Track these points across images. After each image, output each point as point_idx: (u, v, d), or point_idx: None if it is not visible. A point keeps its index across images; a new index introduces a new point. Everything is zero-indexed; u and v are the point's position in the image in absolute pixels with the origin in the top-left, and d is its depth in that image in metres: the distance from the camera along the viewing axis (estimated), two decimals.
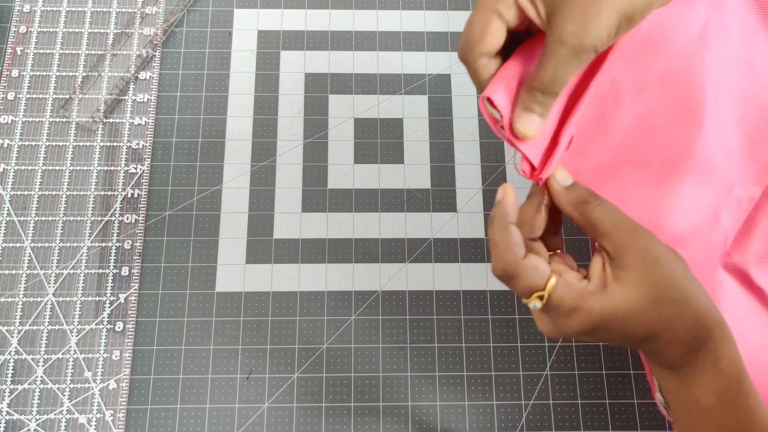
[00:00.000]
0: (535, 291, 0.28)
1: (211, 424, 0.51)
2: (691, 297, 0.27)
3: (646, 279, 0.27)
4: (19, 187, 0.57)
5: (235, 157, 0.59)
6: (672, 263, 0.27)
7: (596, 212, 0.29)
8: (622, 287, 0.27)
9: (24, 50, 0.61)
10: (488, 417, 0.52)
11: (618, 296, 0.27)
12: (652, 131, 0.35)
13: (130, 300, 0.54)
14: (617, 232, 0.28)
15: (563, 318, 0.28)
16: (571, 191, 0.30)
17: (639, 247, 0.27)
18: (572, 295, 0.28)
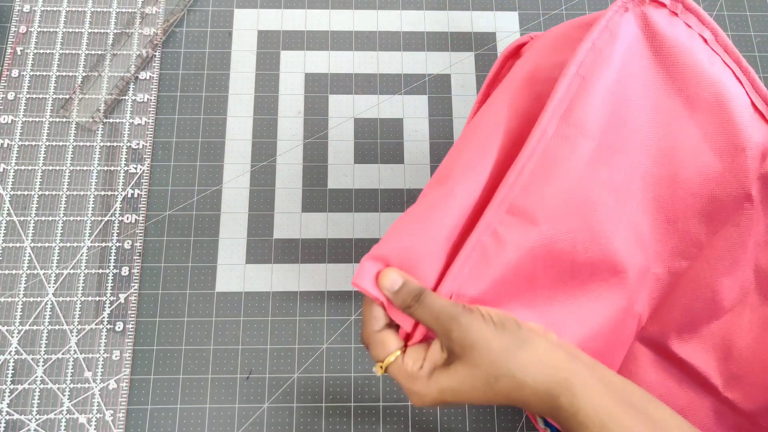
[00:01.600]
0: (379, 361, 0.33)
1: (211, 424, 0.51)
2: (516, 369, 0.30)
3: (468, 363, 0.30)
4: (19, 187, 0.57)
5: (235, 157, 0.59)
6: (490, 343, 0.30)
7: (417, 314, 0.32)
8: (448, 372, 0.31)
9: (24, 50, 0.61)
10: (488, 417, 0.52)
11: (443, 380, 0.31)
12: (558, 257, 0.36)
13: (130, 300, 0.54)
14: (437, 326, 0.31)
15: (406, 392, 0.33)
16: (398, 296, 0.33)
17: (455, 336, 0.31)
18: (403, 375, 0.32)
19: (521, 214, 0.35)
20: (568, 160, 0.35)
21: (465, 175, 0.36)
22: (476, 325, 0.31)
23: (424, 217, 0.36)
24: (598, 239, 0.37)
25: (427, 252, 0.35)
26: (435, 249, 0.35)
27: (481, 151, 0.37)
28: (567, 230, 0.36)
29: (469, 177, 0.36)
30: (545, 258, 0.36)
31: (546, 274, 0.37)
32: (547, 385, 0.30)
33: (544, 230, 0.35)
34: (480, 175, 0.36)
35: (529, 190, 0.35)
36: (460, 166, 0.37)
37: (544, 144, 0.35)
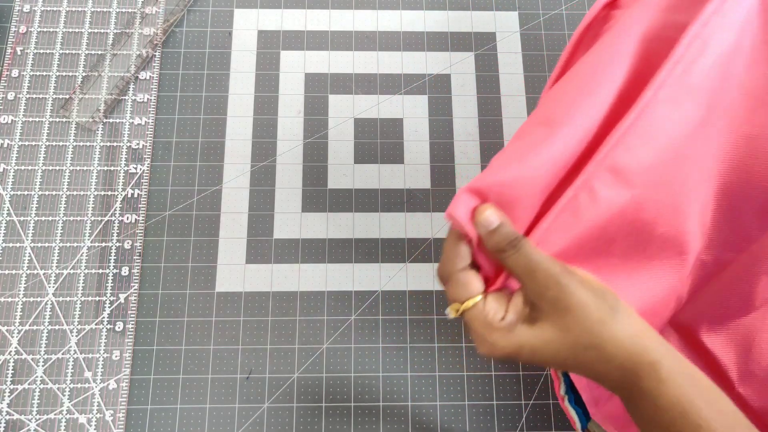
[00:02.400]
0: (456, 302, 0.30)
1: (211, 424, 0.51)
2: (609, 342, 0.28)
3: (557, 325, 0.28)
4: (19, 187, 0.57)
5: (235, 157, 0.59)
6: (587, 310, 0.28)
7: (510, 261, 0.30)
8: (533, 329, 0.29)
9: (24, 50, 0.61)
10: (488, 417, 0.52)
11: (526, 336, 0.29)
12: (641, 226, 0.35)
13: (130, 300, 0.54)
14: (531, 281, 0.29)
15: (478, 340, 0.30)
16: (492, 236, 0.30)
17: (551, 296, 0.29)
18: (480, 322, 0.30)
19: (619, 173, 0.33)
20: (675, 127, 0.34)
21: (568, 120, 0.34)
22: (575, 289, 0.29)
23: (524, 156, 0.33)
24: (678, 215, 0.35)
25: (525, 194, 0.32)
26: (532, 192, 0.33)
27: (586, 99, 0.34)
28: (655, 200, 0.34)
29: (573, 123, 0.34)
30: (627, 224, 0.34)
31: (623, 241, 0.35)
32: (634, 363, 0.28)
33: (636, 195, 0.33)
34: (583, 123, 0.34)
35: (631, 151, 0.33)
36: (563, 109, 0.34)
37: (655, 105, 0.33)
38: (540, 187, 0.33)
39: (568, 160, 0.34)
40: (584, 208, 0.33)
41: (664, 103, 0.33)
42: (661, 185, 0.34)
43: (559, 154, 0.33)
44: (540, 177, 0.33)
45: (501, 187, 0.32)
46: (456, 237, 0.32)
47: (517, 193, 0.32)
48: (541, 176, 0.33)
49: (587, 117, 0.34)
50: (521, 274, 0.30)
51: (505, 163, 0.33)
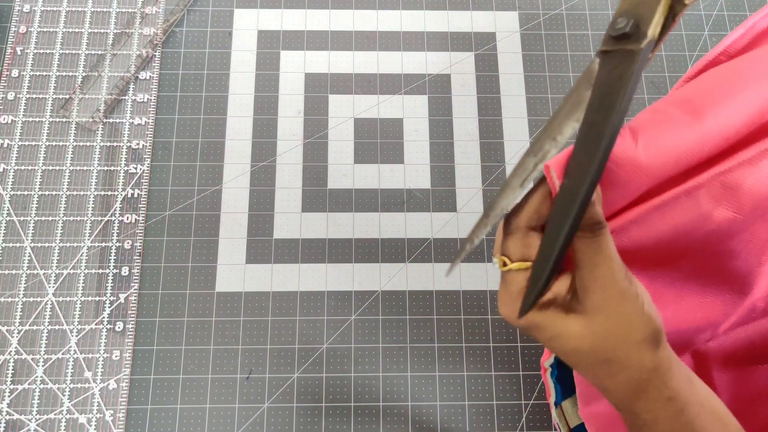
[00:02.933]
0: (508, 256, 0.28)
1: (211, 424, 0.51)
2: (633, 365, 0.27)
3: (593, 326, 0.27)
4: (19, 187, 0.57)
5: (235, 157, 0.59)
6: (630, 326, 0.27)
7: (581, 243, 0.27)
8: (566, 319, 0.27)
9: (24, 50, 0.61)
10: (488, 417, 0.52)
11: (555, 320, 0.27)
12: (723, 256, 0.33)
13: (130, 300, 0.54)
14: (590, 272, 0.27)
15: (505, 301, 0.28)
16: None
17: (601, 297, 0.27)
18: (518, 288, 0.28)
19: (733, 192, 0.30)
20: None
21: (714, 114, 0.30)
22: (629, 301, 0.27)
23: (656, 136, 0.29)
24: (762, 255, 0.33)
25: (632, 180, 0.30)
26: (640, 181, 0.30)
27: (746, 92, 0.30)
28: (752, 232, 0.32)
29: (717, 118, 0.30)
30: (710, 245, 0.32)
31: (694, 259, 0.33)
32: (648, 394, 0.27)
33: (737, 220, 0.30)
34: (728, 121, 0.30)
35: (756, 175, 0.29)
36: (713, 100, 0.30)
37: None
38: (654, 176, 0.29)
39: (697, 157, 0.30)
40: (677, 214, 0.30)
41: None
42: (762, 218, 0.31)
43: (691, 147, 0.29)
44: (662, 167, 0.29)
45: (617, 163, 0.29)
46: (544, 195, 0.28)
47: (629, 177, 0.29)
48: (662, 167, 0.29)
49: (734, 119, 0.30)
50: (584, 261, 0.27)
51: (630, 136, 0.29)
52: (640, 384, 0.27)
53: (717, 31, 0.65)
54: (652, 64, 0.63)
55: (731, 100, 0.29)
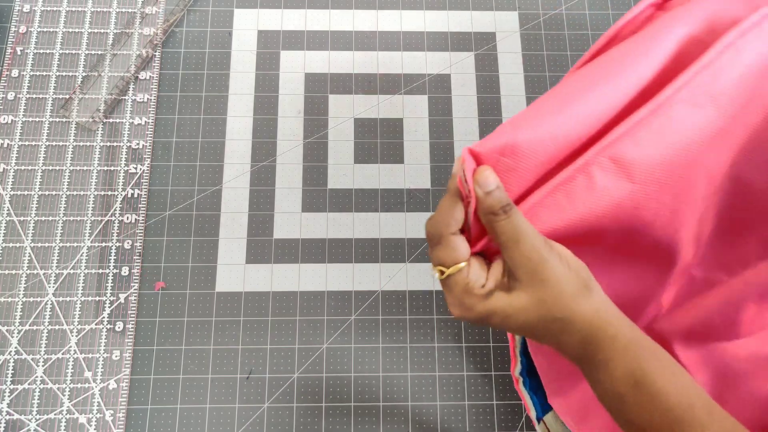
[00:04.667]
0: (442, 265, 0.31)
1: (211, 424, 0.51)
2: (577, 316, 0.30)
3: (532, 295, 0.30)
4: (19, 187, 0.57)
5: (235, 157, 0.59)
6: (562, 284, 0.30)
7: (498, 226, 0.30)
8: (509, 297, 0.30)
9: (24, 50, 0.61)
10: (488, 417, 0.52)
11: (501, 303, 0.30)
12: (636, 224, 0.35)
13: (130, 300, 0.54)
14: (514, 248, 0.30)
15: (454, 303, 0.31)
16: (487, 198, 0.31)
17: (530, 267, 0.30)
18: (461, 287, 0.31)
19: (622, 164, 0.33)
20: (691, 130, 0.34)
21: (583, 100, 0.34)
22: (554, 263, 0.30)
23: (530, 124, 0.33)
24: (675, 221, 0.36)
25: (523, 165, 0.33)
26: (531, 164, 0.33)
27: (607, 84, 0.34)
28: (656, 200, 0.34)
29: (587, 103, 0.34)
30: (624, 219, 0.34)
31: (615, 235, 0.35)
32: (596, 336, 0.30)
33: (636, 190, 0.33)
34: (598, 106, 0.34)
35: (640, 145, 0.33)
36: (582, 88, 0.34)
37: (673, 104, 0.33)
38: (540, 160, 0.33)
39: (575, 139, 0.33)
40: (579, 193, 0.33)
41: (683, 104, 0.33)
42: (665, 186, 0.34)
43: (566, 130, 0.33)
44: (542, 150, 0.32)
45: (501, 152, 0.32)
46: (453, 199, 0.32)
47: (515, 162, 0.32)
48: (543, 149, 0.32)
49: (603, 101, 0.34)
50: (506, 241, 0.30)
51: (510, 128, 0.33)
52: (587, 331, 0.30)
53: None
54: None
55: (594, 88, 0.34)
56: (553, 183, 0.33)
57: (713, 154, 0.35)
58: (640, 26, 0.39)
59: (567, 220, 0.33)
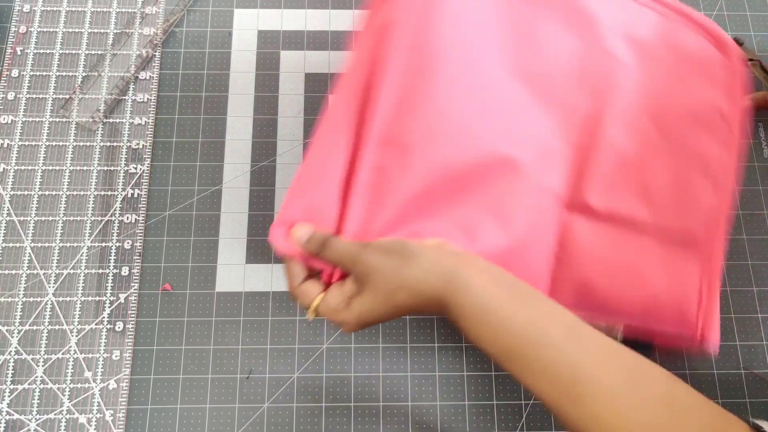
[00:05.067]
0: (309, 307, 0.39)
1: (211, 424, 0.51)
2: (410, 281, 0.35)
3: (370, 288, 0.36)
4: (19, 187, 0.57)
5: (235, 157, 0.59)
6: (380, 267, 0.36)
7: (327, 258, 0.38)
8: (361, 298, 0.37)
9: (24, 50, 0.61)
10: (488, 417, 0.52)
11: (357, 306, 0.37)
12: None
13: (130, 300, 0.54)
14: (344, 265, 0.38)
15: (335, 324, 0.40)
16: (308, 246, 0.39)
17: (358, 270, 0.37)
18: (328, 312, 0.38)
19: (394, 143, 0.41)
20: (427, 88, 0.41)
21: (334, 127, 0.42)
22: (370, 257, 0.37)
23: (313, 174, 0.41)
24: (478, 142, 0.42)
25: (324, 203, 0.40)
26: (330, 198, 0.41)
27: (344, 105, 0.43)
28: (447, 143, 0.41)
29: (338, 127, 0.42)
30: (435, 172, 0.41)
31: (441, 186, 0.41)
32: (435, 289, 0.35)
33: (424, 152, 0.41)
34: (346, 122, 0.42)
35: (395, 122, 0.41)
36: (329, 121, 0.43)
37: (398, 80, 0.41)
38: (334, 192, 0.41)
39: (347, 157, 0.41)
40: (381, 185, 0.40)
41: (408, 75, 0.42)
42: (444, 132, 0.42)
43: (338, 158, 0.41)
44: (332, 186, 0.41)
45: (303, 209, 0.40)
46: (288, 261, 0.40)
47: (317, 207, 0.40)
48: (333, 185, 0.41)
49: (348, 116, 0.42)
50: (338, 264, 0.38)
51: (299, 189, 0.42)
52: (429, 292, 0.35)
53: None
54: None
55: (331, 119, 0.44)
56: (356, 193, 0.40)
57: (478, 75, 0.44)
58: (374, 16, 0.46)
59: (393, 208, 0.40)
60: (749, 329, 0.55)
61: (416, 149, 0.41)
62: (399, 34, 0.42)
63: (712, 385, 0.53)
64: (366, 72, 0.44)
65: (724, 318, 0.55)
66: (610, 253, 0.46)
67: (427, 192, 0.42)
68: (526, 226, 0.44)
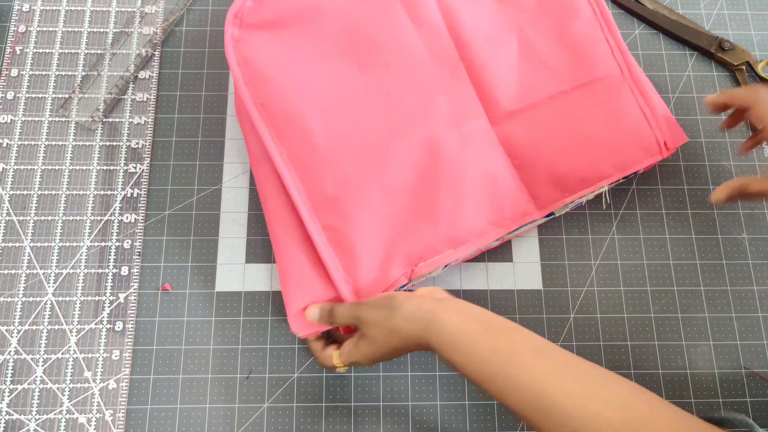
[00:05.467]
0: (334, 365, 0.47)
1: (211, 424, 0.51)
2: (396, 328, 0.42)
3: (370, 335, 0.44)
4: (18, 187, 0.57)
5: (234, 156, 0.59)
6: (374, 319, 0.44)
7: (335, 322, 0.47)
8: (365, 343, 0.44)
9: (23, 49, 0.61)
10: (488, 417, 0.52)
11: (364, 348, 0.45)
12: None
13: (129, 300, 0.54)
14: (348, 322, 0.46)
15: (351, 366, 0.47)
16: (321, 321, 0.48)
17: (360, 324, 0.45)
18: (345, 358, 0.46)
19: (323, 201, 0.49)
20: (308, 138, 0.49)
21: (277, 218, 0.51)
22: (365, 313, 0.44)
23: (289, 269, 0.50)
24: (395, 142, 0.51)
25: (313, 284, 0.49)
26: (313, 278, 0.49)
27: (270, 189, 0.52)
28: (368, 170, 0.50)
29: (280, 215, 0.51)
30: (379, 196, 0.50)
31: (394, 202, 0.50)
32: (418, 331, 0.41)
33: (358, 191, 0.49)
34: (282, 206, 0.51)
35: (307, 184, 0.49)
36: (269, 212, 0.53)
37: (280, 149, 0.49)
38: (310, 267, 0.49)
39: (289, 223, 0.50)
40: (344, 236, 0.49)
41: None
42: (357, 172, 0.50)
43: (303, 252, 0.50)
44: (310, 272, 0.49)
45: (301, 300, 0.49)
46: (310, 341, 0.50)
47: (309, 292, 0.49)
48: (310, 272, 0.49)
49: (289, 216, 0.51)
50: (345, 323, 0.47)
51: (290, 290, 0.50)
52: (413, 336, 0.42)
53: (717, 30, 0.65)
54: (649, 62, 0.63)
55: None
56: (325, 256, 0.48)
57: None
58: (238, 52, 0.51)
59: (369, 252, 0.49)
60: (749, 329, 0.55)
61: (345, 195, 0.49)
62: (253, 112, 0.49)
63: (712, 385, 0.53)
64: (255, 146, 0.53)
65: (724, 318, 0.55)
66: (553, 132, 0.53)
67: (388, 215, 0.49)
68: (481, 175, 0.51)
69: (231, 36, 0.49)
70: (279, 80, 0.49)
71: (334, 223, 0.49)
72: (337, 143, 0.49)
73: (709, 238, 0.58)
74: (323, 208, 0.49)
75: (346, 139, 0.49)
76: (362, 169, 0.49)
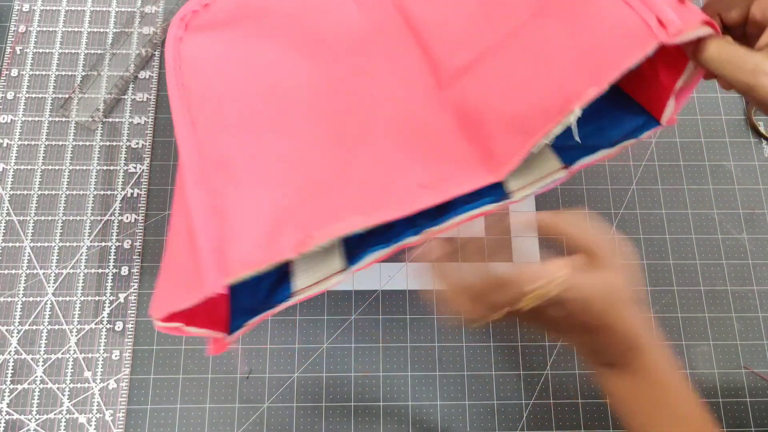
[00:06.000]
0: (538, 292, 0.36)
1: (211, 424, 0.51)
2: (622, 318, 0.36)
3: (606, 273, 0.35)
4: (18, 187, 0.57)
5: None
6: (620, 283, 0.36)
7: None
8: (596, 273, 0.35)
9: (23, 49, 0.61)
10: (488, 417, 0.52)
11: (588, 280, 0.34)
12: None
13: (129, 300, 0.54)
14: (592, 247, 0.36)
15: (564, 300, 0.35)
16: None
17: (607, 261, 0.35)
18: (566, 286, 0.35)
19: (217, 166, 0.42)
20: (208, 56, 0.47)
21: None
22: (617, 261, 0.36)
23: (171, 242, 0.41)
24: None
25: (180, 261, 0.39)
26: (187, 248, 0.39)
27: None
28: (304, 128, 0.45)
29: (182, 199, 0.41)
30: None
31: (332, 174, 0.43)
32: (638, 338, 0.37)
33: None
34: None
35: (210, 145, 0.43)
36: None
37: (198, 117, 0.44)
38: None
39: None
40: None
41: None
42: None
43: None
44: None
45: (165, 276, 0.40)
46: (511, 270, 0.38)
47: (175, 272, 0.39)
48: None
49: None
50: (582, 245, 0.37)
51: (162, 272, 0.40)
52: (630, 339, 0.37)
53: None
54: None
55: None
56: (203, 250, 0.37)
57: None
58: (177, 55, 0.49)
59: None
60: (749, 329, 0.55)
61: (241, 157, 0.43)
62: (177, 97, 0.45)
63: (712, 385, 0.53)
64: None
65: (724, 317, 0.55)
66: (510, 74, 0.42)
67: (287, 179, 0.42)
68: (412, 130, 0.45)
69: (174, 36, 0.48)
70: (205, 66, 0.47)
71: (221, 186, 0.41)
72: (251, 117, 0.45)
73: (709, 238, 0.58)
74: (215, 170, 0.41)
75: (263, 113, 0.45)
76: (269, 132, 0.44)
